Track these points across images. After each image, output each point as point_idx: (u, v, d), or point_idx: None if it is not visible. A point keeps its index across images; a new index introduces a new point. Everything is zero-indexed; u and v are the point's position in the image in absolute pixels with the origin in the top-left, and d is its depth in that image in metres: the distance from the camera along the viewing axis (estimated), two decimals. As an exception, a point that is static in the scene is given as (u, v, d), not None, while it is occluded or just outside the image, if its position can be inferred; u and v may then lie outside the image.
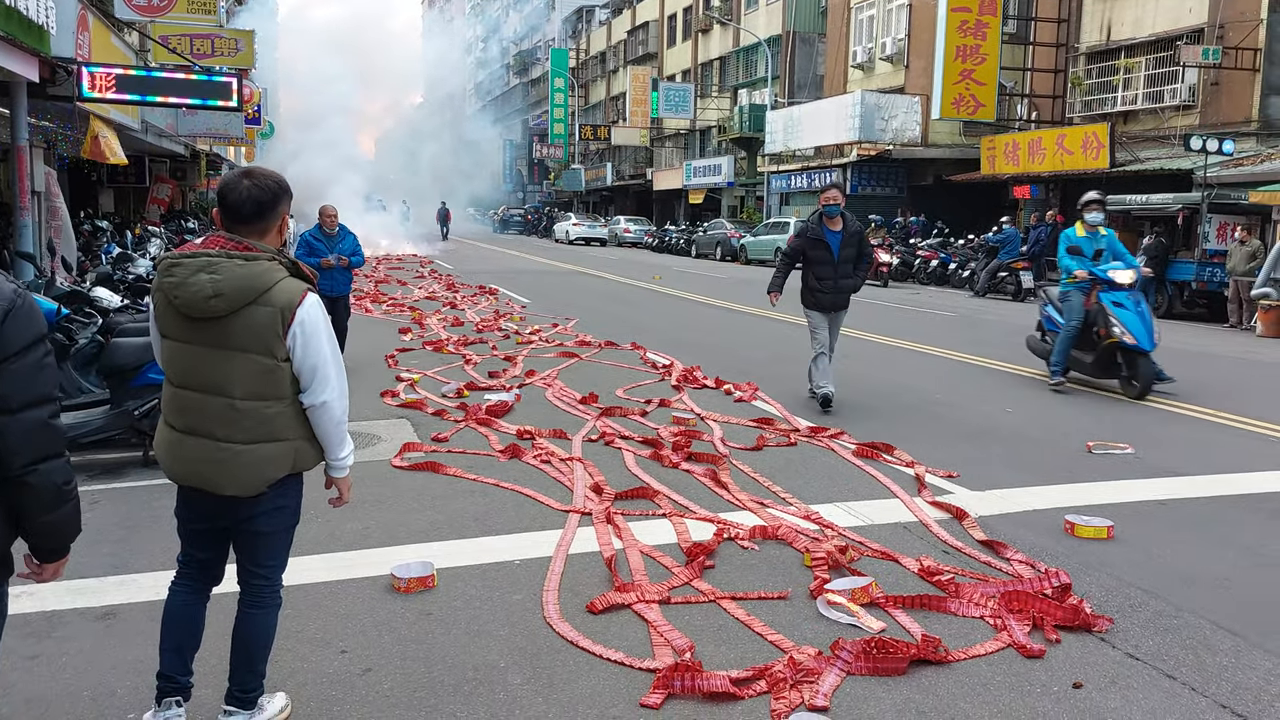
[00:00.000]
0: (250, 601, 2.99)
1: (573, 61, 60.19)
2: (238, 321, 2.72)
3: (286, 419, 2.82)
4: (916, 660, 3.53)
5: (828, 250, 7.89)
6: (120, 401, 5.91)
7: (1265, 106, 19.93)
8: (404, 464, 6.22)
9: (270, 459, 2.81)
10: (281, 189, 2.88)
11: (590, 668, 3.53)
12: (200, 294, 2.70)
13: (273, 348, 2.74)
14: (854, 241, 7.97)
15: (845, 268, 7.93)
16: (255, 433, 2.78)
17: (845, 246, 7.89)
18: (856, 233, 7.97)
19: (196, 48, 17.23)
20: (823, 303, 7.99)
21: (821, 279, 7.91)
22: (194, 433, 2.79)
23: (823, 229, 7.93)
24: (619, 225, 44.90)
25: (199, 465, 2.80)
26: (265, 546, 2.97)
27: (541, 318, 14.53)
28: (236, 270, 2.72)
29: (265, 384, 2.77)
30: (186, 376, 2.79)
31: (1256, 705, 3.32)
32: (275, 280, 2.76)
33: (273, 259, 2.80)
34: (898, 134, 28.56)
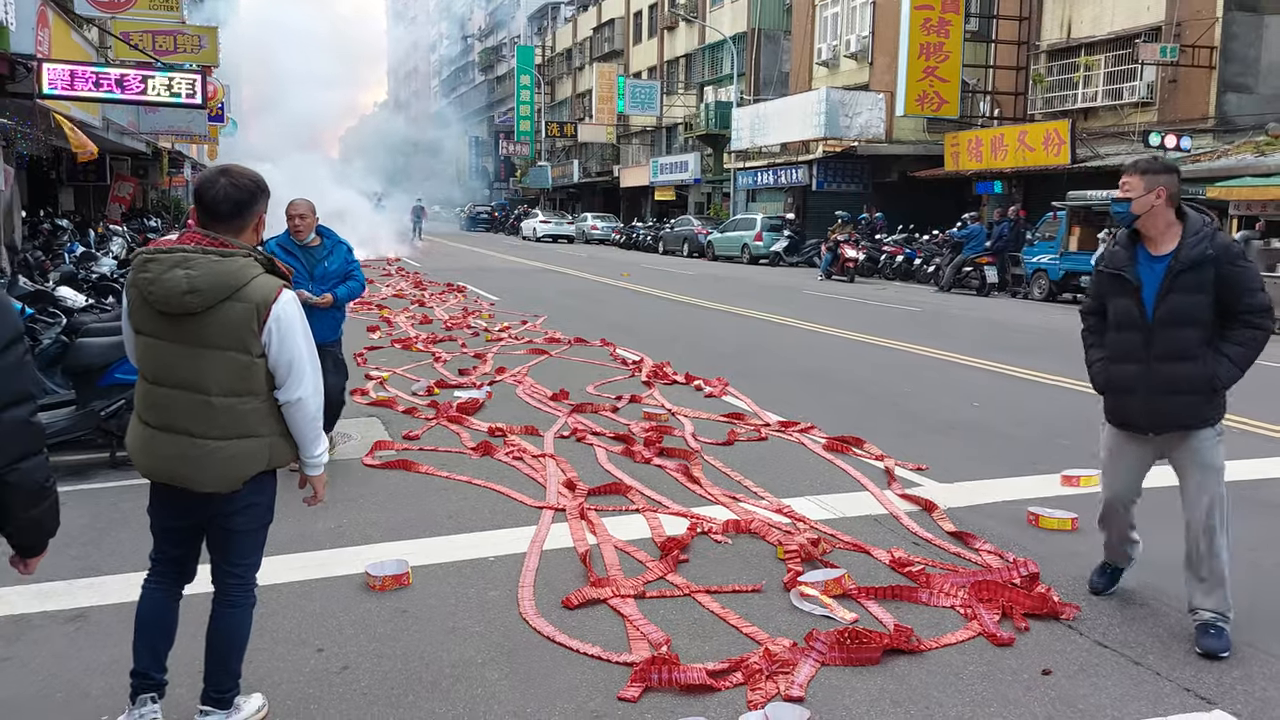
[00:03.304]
0: (224, 600, 2.98)
1: (539, 58, 60.01)
2: (213, 318, 2.71)
3: (261, 415, 2.82)
4: (890, 650, 3.58)
5: (1134, 297, 3.76)
6: (86, 402, 5.83)
7: (1221, 103, 20.32)
8: (376, 462, 6.20)
9: (246, 455, 2.81)
10: (259, 188, 2.87)
11: (567, 662, 3.54)
12: (175, 289, 2.69)
13: (248, 344, 2.74)
14: (1199, 277, 3.64)
15: (1174, 336, 3.69)
16: (231, 429, 2.77)
17: (1177, 290, 3.66)
18: (1210, 259, 3.62)
19: (159, 44, 16.97)
20: (1128, 411, 3.86)
21: (1123, 357, 3.83)
22: (169, 429, 2.78)
23: (1135, 252, 3.81)
24: (586, 222, 44.89)
25: (174, 462, 2.79)
26: (239, 544, 2.95)
27: (511, 315, 14.50)
28: (212, 266, 2.72)
29: (241, 380, 2.76)
30: (161, 373, 2.78)
31: (1219, 688, 3.40)
32: (251, 276, 2.75)
33: (248, 255, 2.79)
34: (862, 131, 28.79)
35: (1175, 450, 3.83)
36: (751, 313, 15.56)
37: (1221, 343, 3.71)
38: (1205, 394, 3.70)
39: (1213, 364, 3.70)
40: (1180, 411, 3.74)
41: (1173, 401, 3.74)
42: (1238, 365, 3.71)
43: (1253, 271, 3.68)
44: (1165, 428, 3.80)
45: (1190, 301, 3.67)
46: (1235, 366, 3.71)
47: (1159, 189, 3.70)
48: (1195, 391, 3.71)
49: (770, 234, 29.29)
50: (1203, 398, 3.71)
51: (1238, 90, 20.36)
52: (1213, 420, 3.76)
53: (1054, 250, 19.59)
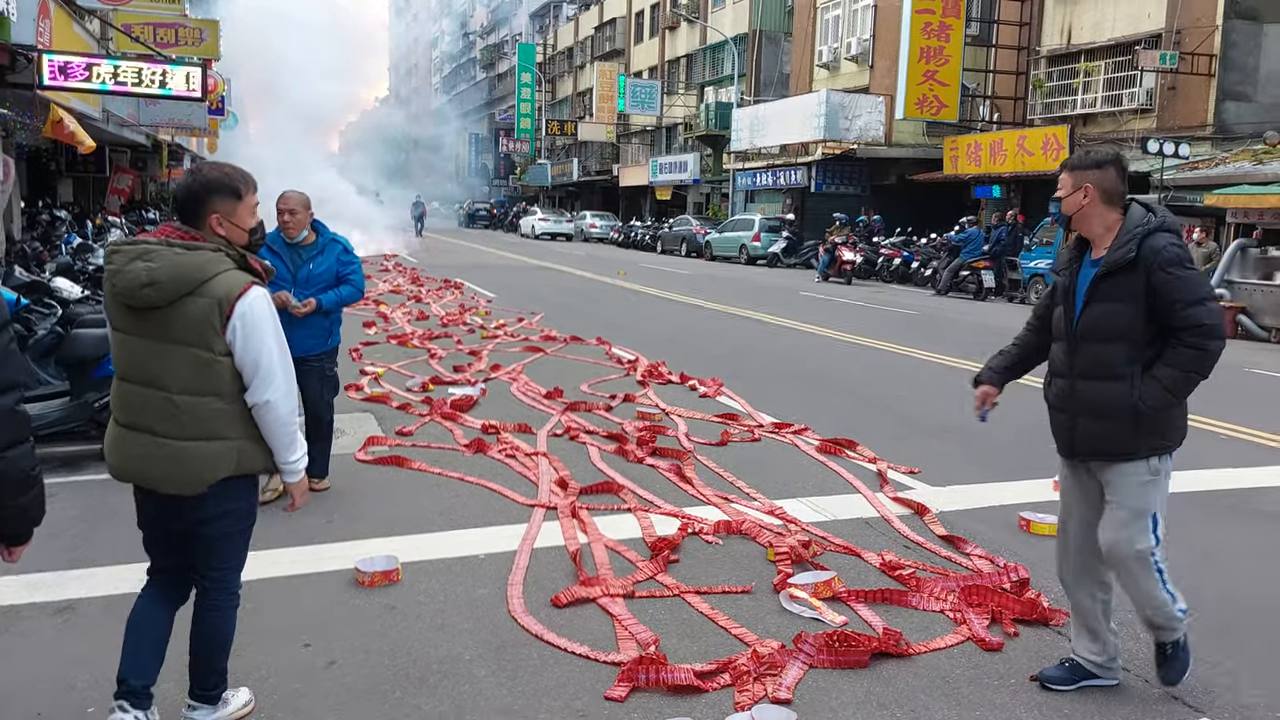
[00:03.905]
0: (205, 602, 2.93)
1: (540, 56, 59.98)
2: (175, 313, 2.65)
3: (228, 417, 2.73)
4: (878, 653, 3.59)
5: (1066, 303, 3.39)
6: (80, 393, 5.82)
7: (1220, 111, 20.34)
8: (368, 458, 6.20)
9: (209, 458, 2.72)
10: (207, 186, 2.75)
11: (555, 661, 3.55)
12: (135, 281, 2.62)
13: (209, 341, 2.66)
14: (1126, 285, 3.20)
15: (1096, 351, 3.27)
16: (194, 430, 2.70)
17: (1099, 298, 3.25)
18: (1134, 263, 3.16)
19: (160, 37, 16.94)
20: (1056, 431, 3.49)
21: (1054, 370, 3.48)
22: (135, 427, 2.73)
23: (1082, 254, 3.40)
24: (585, 221, 44.88)
25: (138, 461, 2.74)
26: (214, 551, 2.89)
27: (507, 312, 14.49)
28: (173, 259, 2.65)
29: (203, 379, 2.68)
30: (128, 369, 2.73)
31: (1206, 697, 3.41)
32: (216, 271, 2.67)
33: (218, 250, 2.71)
34: (862, 133, 28.78)
35: (1103, 481, 3.33)
36: (748, 313, 15.56)
37: (1157, 362, 3.17)
38: (1130, 420, 3.17)
39: (1140, 386, 3.17)
40: (1100, 438, 3.25)
41: (1094, 425, 3.25)
42: (1168, 390, 3.14)
43: (1188, 280, 3.09)
44: (1086, 454, 3.34)
45: (1113, 312, 3.18)
46: (1165, 391, 3.14)
47: (1085, 186, 3.25)
48: (1117, 416, 3.19)
49: (768, 235, 29.29)
50: (1127, 424, 3.18)
51: (1236, 98, 20.37)
52: (1141, 453, 3.21)
53: (1051, 255, 19.57)
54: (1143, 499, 3.23)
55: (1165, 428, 3.23)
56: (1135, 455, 3.21)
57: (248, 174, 2.86)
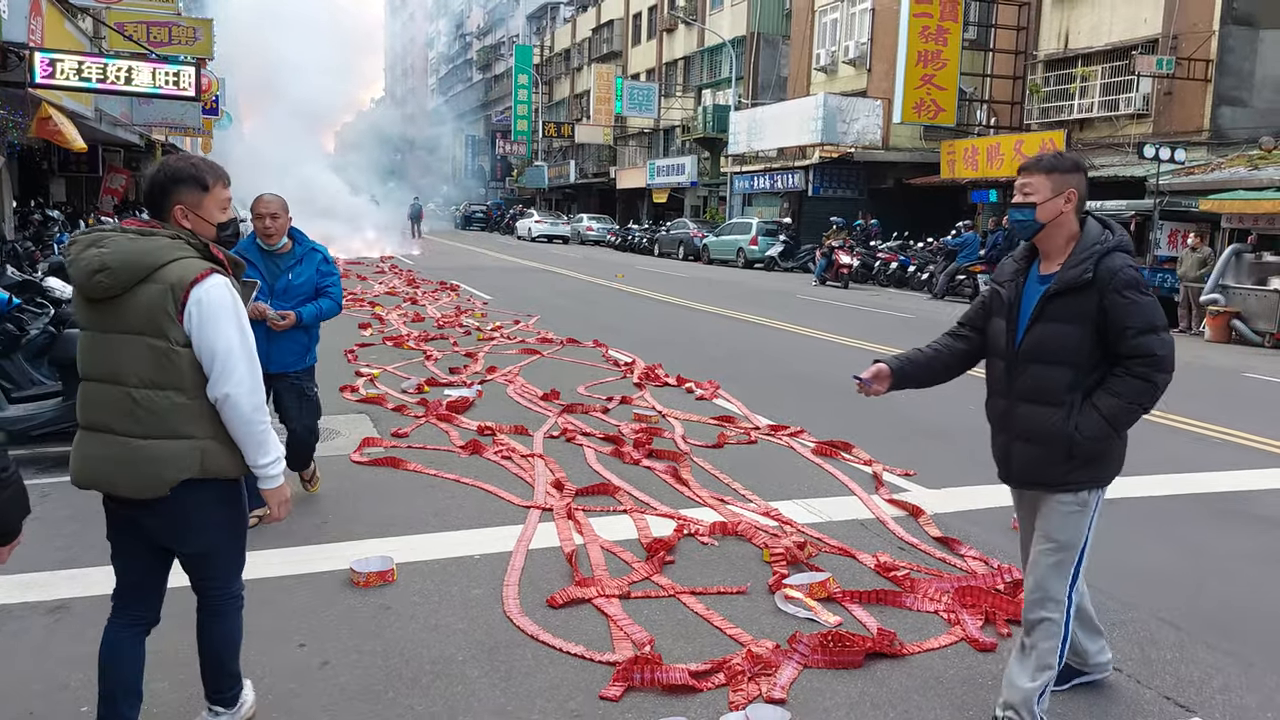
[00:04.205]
0: (209, 612, 2.85)
1: (537, 58, 60.01)
2: (130, 301, 2.52)
3: (189, 414, 2.57)
4: (872, 653, 3.59)
5: (1008, 318, 3.14)
6: (73, 393, 5.76)
7: (1216, 116, 20.39)
8: (363, 459, 6.19)
9: (169, 458, 2.56)
10: (172, 177, 2.65)
11: (550, 661, 3.54)
12: (87, 268, 2.51)
13: (165, 329, 2.52)
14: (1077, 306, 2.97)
15: (1038, 374, 3.05)
16: (153, 427, 2.54)
17: (1047, 317, 3.02)
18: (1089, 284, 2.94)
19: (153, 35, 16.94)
20: (994, 452, 3.33)
21: (991, 388, 3.28)
22: (95, 428, 2.59)
23: (1029, 268, 3.17)
24: (582, 223, 44.87)
25: (96, 463, 2.60)
26: (204, 564, 2.77)
27: (503, 314, 14.49)
28: (125, 245, 2.53)
29: (159, 371, 2.54)
30: (88, 365, 2.61)
31: (1199, 697, 3.41)
32: (171, 257, 2.55)
33: (175, 237, 2.59)
34: (859, 137, 28.84)
35: (1037, 511, 3.13)
36: (745, 316, 15.57)
37: (1099, 390, 2.95)
38: (1064, 450, 2.97)
39: (1078, 414, 2.96)
40: (1032, 465, 3.06)
41: (1028, 451, 3.07)
42: (1108, 420, 2.92)
43: (1143, 306, 2.87)
44: (1018, 481, 3.17)
45: (1060, 333, 2.94)
46: (1104, 421, 2.92)
47: (1069, 190, 2.96)
48: (1052, 444, 2.99)
49: (766, 238, 29.30)
50: (1061, 454, 2.98)
51: (1232, 104, 20.43)
52: (1073, 485, 3.00)
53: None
54: (1071, 530, 3.01)
55: (1102, 460, 3.01)
56: (1069, 486, 3.00)
57: (218, 167, 2.74)
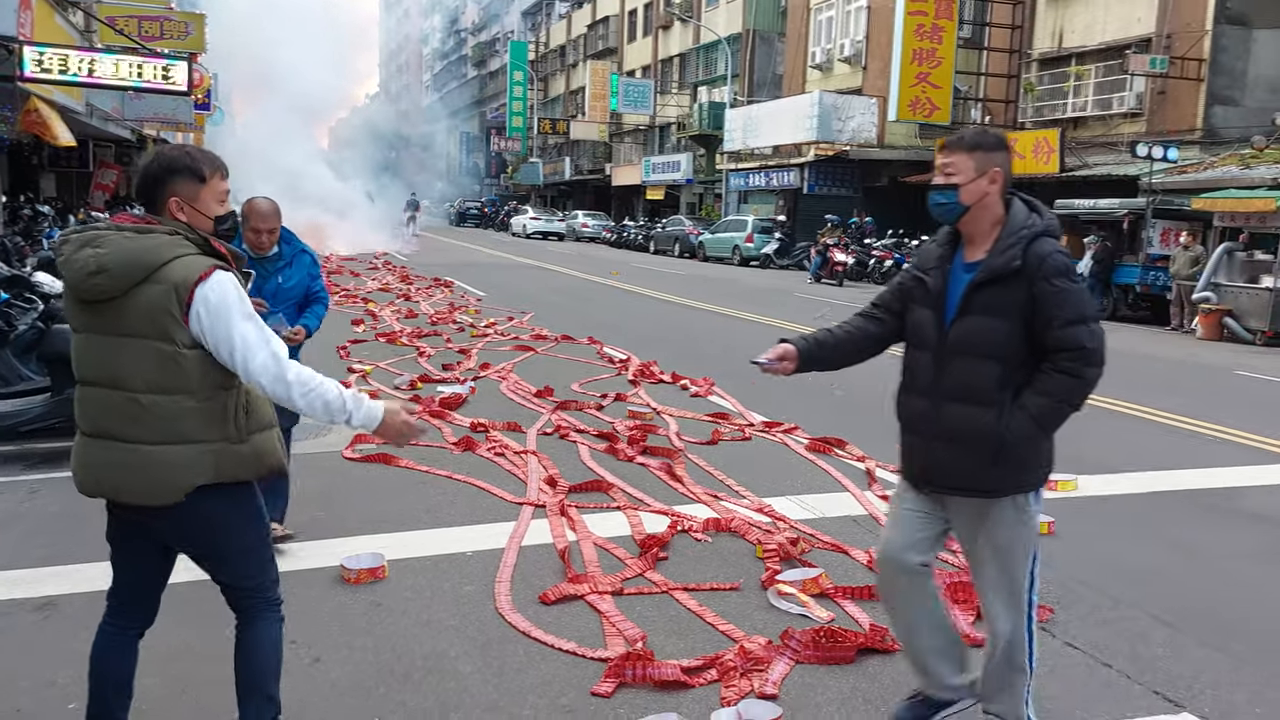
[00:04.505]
0: (252, 626, 2.68)
1: (532, 54, 59.89)
2: (130, 303, 2.39)
3: (202, 418, 2.45)
4: (864, 649, 3.59)
5: (934, 308, 2.87)
6: (61, 389, 5.77)
7: (1209, 115, 20.44)
8: (355, 455, 6.17)
9: (181, 464, 2.44)
10: (167, 167, 2.50)
11: (542, 657, 3.54)
12: (83, 270, 2.39)
13: (170, 331, 2.39)
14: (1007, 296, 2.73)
15: (966, 370, 2.77)
16: (162, 432, 2.42)
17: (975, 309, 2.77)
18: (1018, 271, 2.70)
19: (145, 30, 16.88)
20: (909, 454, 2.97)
21: (911, 385, 2.95)
22: (99, 434, 2.48)
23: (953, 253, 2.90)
24: (577, 220, 44.84)
25: (104, 471, 2.49)
26: (231, 566, 2.64)
27: (497, 311, 14.46)
28: (123, 244, 2.40)
29: (166, 375, 2.41)
30: (88, 370, 2.48)
31: (1189, 693, 3.42)
32: (172, 255, 2.41)
33: (174, 234, 2.45)
34: (854, 135, 28.86)
35: (958, 522, 2.88)
36: (740, 314, 15.57)
37: (1026, 389, 2.70)
38: (992, 452, 2.70)
39: (1007, 414, 2.70)
40: (958, 469, 2.76)
41: (953, 453, 2.76)
42: (1036, 420, 2.67)
43: (1072, 294, 2.64)
44: (940, 486, 2.84)
45: (988, 326, 2.69)
46: (1032, 421, 2.67)
47: (994, 170, 2.73)
48: (981, 446, 2.71)
49: (761, 236, 29.32)
50: (989, 457, 2.71)
51: (1225, 103, 20.48)
52: (1004, 491, 2.76)
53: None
54: (1020, 539, 2.80)
55: (1030, 463, 2.75)
56: (996, 493, 2.75)
57: (215, 157, 2.60)
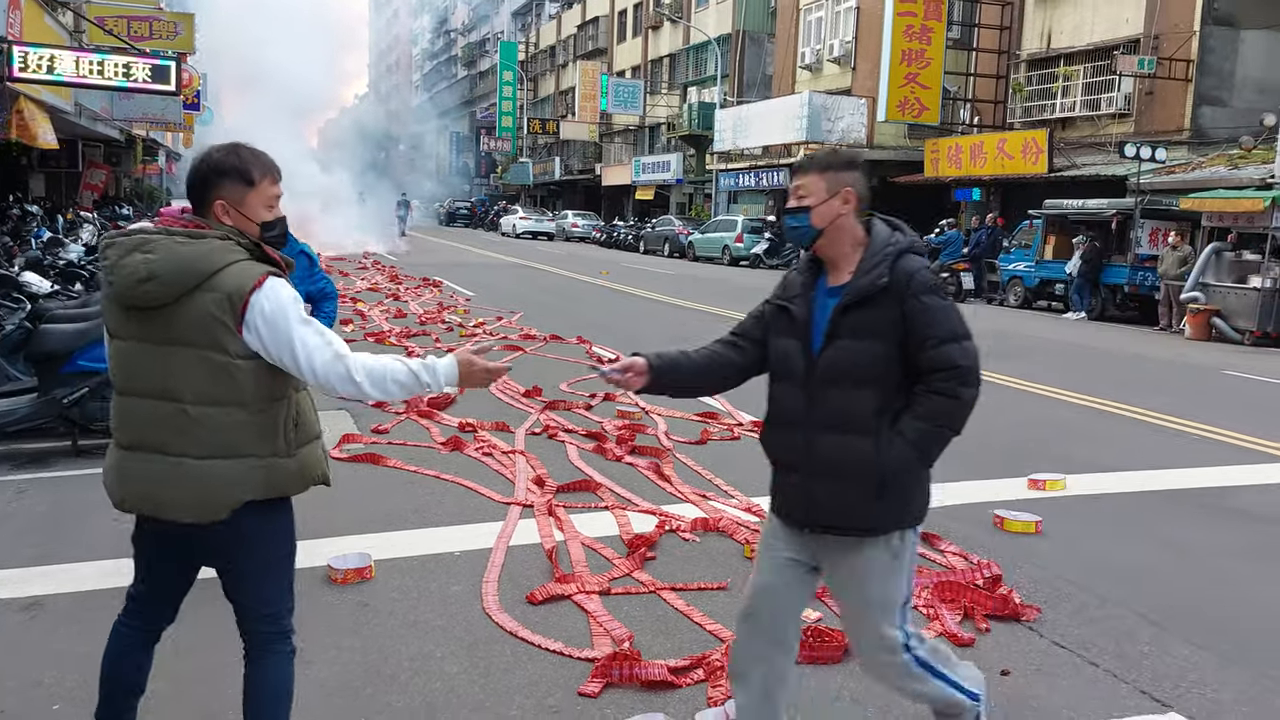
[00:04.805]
0: (258, 648, 2.55)
1: (522, 54, 59.86)
2: (181, 311, 2.28)
3: (254, 431, 2.35)
4: (851, 649, 3.60)
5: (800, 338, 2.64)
6: (48, 389, 5.75)
7: (1197, 116, 20.54)
8: (343, 455, 6.15)
9: (231, 479, 2.34)
10: (215, 169, 2.39)
11: (529, 657, 3.53)
12: (133, 277, 2.27)
13: (223, 341, 2.29)
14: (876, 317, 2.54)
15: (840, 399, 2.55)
16: (212, 445, 2.32)
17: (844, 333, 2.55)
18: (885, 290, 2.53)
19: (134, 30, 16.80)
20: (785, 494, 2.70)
21: (780, 417, 2.71)
22: (141, 447, 2.36)
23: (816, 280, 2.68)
24: (567, 220, 44.82)
25: (146, 486, 2.36)
26: (260, 586, 2.51)
27: (486, 311, 14.44)
28: (176, 249, 2.28)
29: (218, 386, 2.30)
30: (130, 380, 2.37)
31: (1175, 691, 3.43)
32: (226, 262, 2.30)
33: (226, 238, 2.34)
34: (844, 135, 28.90)
35: (830, 564, 2.64)
36: (730, 313, 15.57)
37: (903, 415, 2.51)
38: (874, 486, 2.49)
39: (885, 443, 2.49)
40: (837, 505, 2.54)
41: (832, 488, 2.54)
42: (915, 446, 2.47)
43: (943, 312, 2.50)
44: (817, 524, 2.58)
45: (859, 350, 2.50)
46: (911, 448, 2.47)
47: (845, 190, 2.56)
48: (862, 479, 2.49)
49: (751, 236, 29.37)
50: (871, 491, 2.49)
51: (1213, 103, 20.58)
52: (884, 528, 2.54)
53: (1030, 258, 19.77)
54: (893, 585, 2.57)
55: (909, 497, 2.55)
56: (876, 531, 2.53)
57: (267, 159, 2.47)
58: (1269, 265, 14.95)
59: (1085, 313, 17.89)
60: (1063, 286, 18.85)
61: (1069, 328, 16.44)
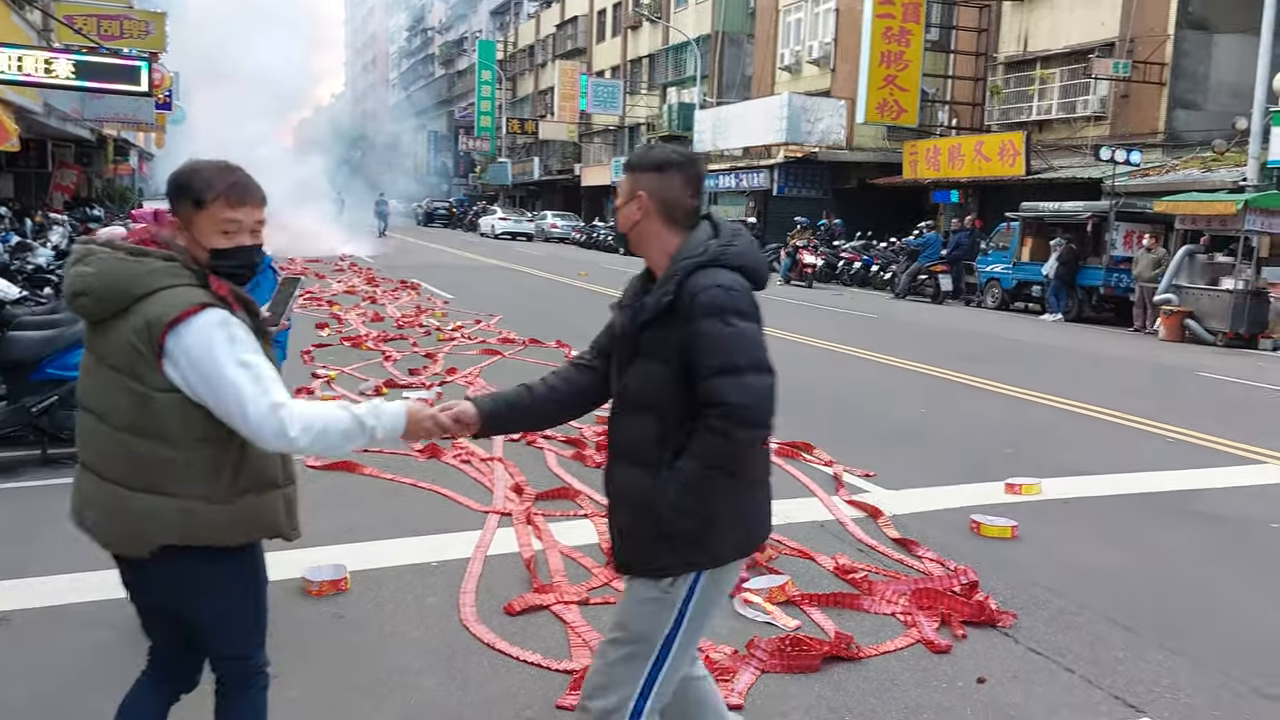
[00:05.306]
0: (221, 689, 2.44)
1: (500, 54, 59.68)
2: (111, 331, 2.17)
3: (175, 470, 2.16)
4: (829, 657, 3.60)
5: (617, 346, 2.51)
6: (17, 397, 5.67)
7: (1171, 119, 20.76)
8: (318, 463, 6.08)
9: (149, 516, 2.17)
10: (173, 184, 2.25)
11: (507, 669, 3.51)
12: (70, 289, 2.21)
13: (139, 371, 2.13)
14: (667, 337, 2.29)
15: (630, 424, 2.38)
16: (133, 477, 2.17)
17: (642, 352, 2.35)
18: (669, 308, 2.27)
19: (104, 29, 16.60)
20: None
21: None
22: (88, 467, 2.26)
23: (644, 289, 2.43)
24: (546, 220, 44.74)
25: (87, 506, 2.26)
26: (211, 635, 2.37)
27: (464, 314, 14.38)
28: (111, 266, 2.17)
29: (142, 417, 2.15)
30: (83, 394, 2.28)
31: (1149, 696, 3.46)
32: (157, 286, 2.13)
33: (171, 260, 2.18)
34: (823, 137, 29.02)
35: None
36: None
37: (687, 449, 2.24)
38: (651, 522, 2.25)
39: (664, 478, 2.25)
40: (631, 544, 2.35)
41: (622, 524, 2.37)
42: (686, 488, 2.21)
43: (724, 340, 2.19)
44: (624, 565, 2.41)
45: (648, 373, 2.29)
46: (683, 489, 2.21)
47: (639, 195, 2.33)
48: (639, 513, 2.28)
49: (730, 237, 29.34)
50: (649, 526, 2.26)
51: (1187, 107, 20.81)
52: (660, 568, 2.29)
53: (1007, 260, 19.91)
54: (651, 623, 2.31)
55: (700, 536, 2.27)
56: (656, 570, 2.30)
57: (233, 181, 2.24)
58: (1241, 267, 15.14)
59: (1062, 314, 18.04)
60: (1040, 288, 19.00)
61: (1046, 329, 16.57)
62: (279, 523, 2.36)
